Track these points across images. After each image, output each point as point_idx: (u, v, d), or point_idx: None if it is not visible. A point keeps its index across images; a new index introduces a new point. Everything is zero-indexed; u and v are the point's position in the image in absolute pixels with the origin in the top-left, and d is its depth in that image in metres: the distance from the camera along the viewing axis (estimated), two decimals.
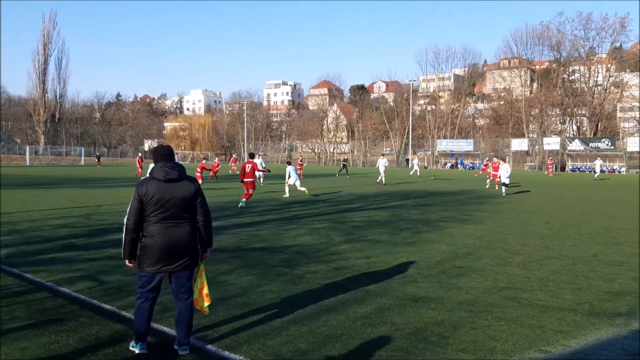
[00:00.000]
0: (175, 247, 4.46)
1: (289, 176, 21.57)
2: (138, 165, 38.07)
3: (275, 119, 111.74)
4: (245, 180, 17.39)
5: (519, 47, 76.41)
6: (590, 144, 60.69)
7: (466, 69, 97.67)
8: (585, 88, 70.34)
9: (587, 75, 69.77)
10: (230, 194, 22.14)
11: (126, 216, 4.50)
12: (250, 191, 17.43)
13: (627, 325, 5.49)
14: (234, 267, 8.04)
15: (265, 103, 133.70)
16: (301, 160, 41.11)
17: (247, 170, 17.52)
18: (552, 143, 63.41)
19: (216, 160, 35.52)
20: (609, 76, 69.88)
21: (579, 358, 4.61)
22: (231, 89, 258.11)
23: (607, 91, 70.25)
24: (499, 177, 25.36)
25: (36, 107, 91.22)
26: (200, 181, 24.22)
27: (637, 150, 58.34)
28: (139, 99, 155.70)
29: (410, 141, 71.26)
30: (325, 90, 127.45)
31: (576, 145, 61.88)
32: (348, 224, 13.15)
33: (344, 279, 7.34)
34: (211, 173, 31.08)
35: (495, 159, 29.21)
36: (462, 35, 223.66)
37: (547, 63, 78.33)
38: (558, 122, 73.51)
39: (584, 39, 70.93)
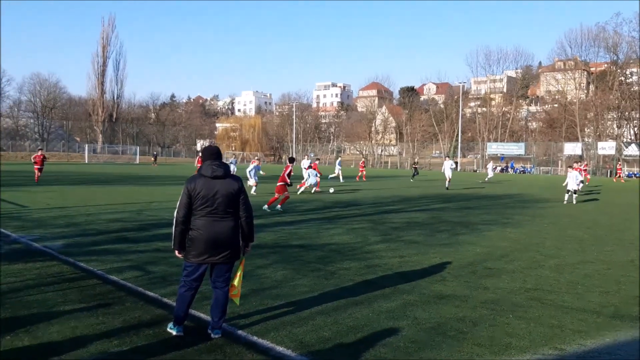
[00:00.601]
0: (219, 240, 4.84)
1: (308, 176, 23.42)
2: (197, 165, 39.34)
3: (324, 121, 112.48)
4: (278, 183, 16.72)
5: (574, 48, 74.44)
6: None
7: (519, 70, 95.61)
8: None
9: None
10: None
11: (176, 210, 4.94)
12: (277, 195, 16.50)
13: None
14: (270, 261, 8.44)
15: (314, 105, 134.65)
16: (363, 163, 41.23)
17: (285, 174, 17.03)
18: (607, 148, 61.33)
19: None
20: None
21: (592, 357, 4.75)
22: (281, 90, 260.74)
23: None
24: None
25: (95, 107, 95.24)
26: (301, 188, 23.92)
27: None
28: (192, 100, 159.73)
29: (459, 144, 70.40)
30: (374, 92, 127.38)
31: (632, 150, 59.65)
32: (387, 225, 13.39)
33: (375, 277, 7.61)
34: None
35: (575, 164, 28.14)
36: (514, 37, 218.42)
37: (605, 65, 75.87)
38: (614, 126, 71.00)
39: None
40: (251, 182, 22.29)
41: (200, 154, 8.52)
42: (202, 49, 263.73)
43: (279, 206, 16.40)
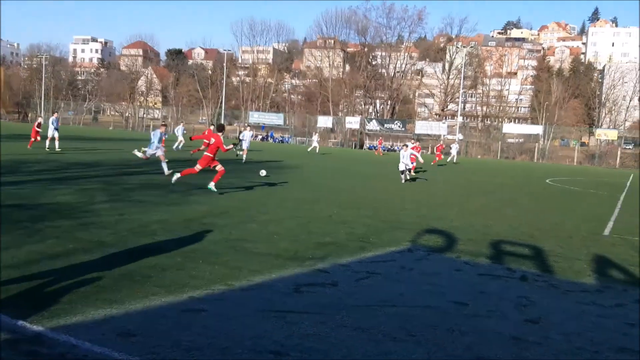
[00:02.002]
0: None
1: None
2: None
3: (80, 78, 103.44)
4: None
5: (329, 28, 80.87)
6: (385, 125, 66.95)
7: (285, 44, 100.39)
8: (385, 73, 77.14)
9: (388, 61, 76.48)
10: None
11: None
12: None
13: (312, 266, 6.73)
14: None
15: (70, 59, 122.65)
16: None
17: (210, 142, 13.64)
18: (353, 122, 68.58)
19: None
20: (410, 64, 77.57)
21: (254, 288, 5.63)
22: (32, 40, 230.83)
23: (405, 77, 77.93)
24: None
25: None
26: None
27: (425, 132, 66.01)
28: None
29: (223, 111, 71.52)
30: (139, 52, 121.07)
31: (373, 125, 67.77)
32: (120, 186, 13.29)
33: (84, 233, 7.65)
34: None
35: (418, 144, 29.88)
36: (278, 12, 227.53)
37: (362, 47, 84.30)
38: (362, 103, 79.70)
39: (387, 27, 77.55)
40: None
41: None
42: None
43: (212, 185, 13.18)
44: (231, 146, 14.40)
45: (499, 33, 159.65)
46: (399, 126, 66.12)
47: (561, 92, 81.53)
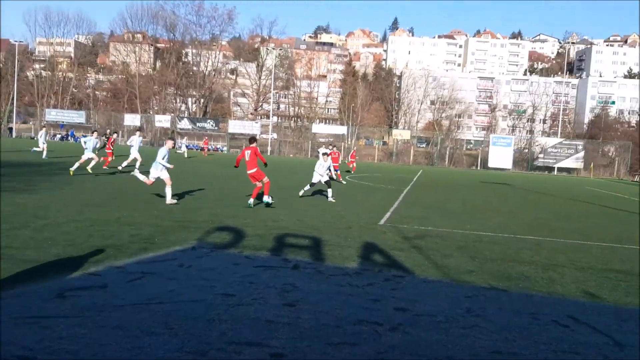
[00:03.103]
0: None
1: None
2: None
3: None
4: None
5: (134, 22, 77.50)
6: (198, 124, 66.19)
7: (89, 37, 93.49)
8: (197, 71, 76.24)
9: (199, 60, 75.67)
10: None
11: None
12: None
13: (85, 270, 6.53)
14: None
15: None
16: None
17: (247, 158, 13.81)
18: (163, 121, 66.60)
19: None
20: (223, 63, 77.48)
21: (16, 296, 5.32)
22: None
23: (218, 76, 77.76)
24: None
25: None
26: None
27: (238, 132, 66.58)
28: None
29: (15, 108, 64.41)
30: None
31: (185, 124, 66.57)
32: None
33: None
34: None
35: (335, 149, 27.77)
36: (77, 1, 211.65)
37: (171, 44, 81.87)
38: (173, 101, 77.74)
39: (197, 24, 76.73)
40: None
41: None
42: None
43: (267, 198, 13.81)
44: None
45: (309, 37, 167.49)
46: (212, 125, 65.85)
47: (365, 95, 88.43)
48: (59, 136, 68.53)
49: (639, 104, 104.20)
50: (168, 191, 13.29)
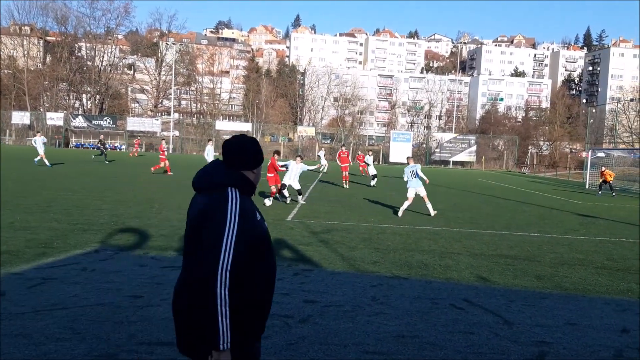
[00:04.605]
0: (174, 311, 2.48)
1: None
2: None
3: None
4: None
5: (22, 14, 72.48)
6: (94, 121, 62.98)
7: None
8: (92, 66, 72.56)
9: (93, 54, 72.06)
10: None
11: None
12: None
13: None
14: None
15: None
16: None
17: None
18: (55, 118, 62.72)
19: None
20: (120, 57, 74.18)
21: None
22: None
23: (115, 71, 74.39)
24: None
25: None
26: None
27: (138, 129, 64.15)
28: None
29: None
30: None
31: (80, 122, 63.11)
32: None
33: None
34: None
35: (343, 148, 27.43)
36: None
37: (63, 37, 77.17)
38: (66, 98, 73.45)
39: (90, 17, 73.02)
40: None
41: None
42: None
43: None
44: None
45: (211, 32, 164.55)
46: (109, 122, 62.94)
47: (269, 91, 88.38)
48: None
49: (525, 100, 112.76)
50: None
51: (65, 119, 62.88)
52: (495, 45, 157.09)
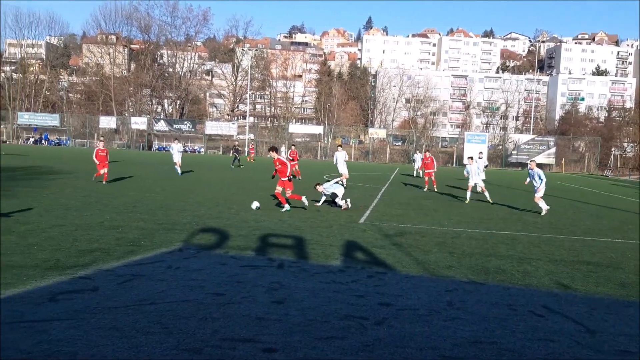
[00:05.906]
0: None
1: None
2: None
3: None
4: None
5: (108, 24, 76.72)
6: (175, 125, 65.79)
7: (61, 39, 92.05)
8: (173, 72, 75.78)
9: (174, 61, 75.21)
10: None
11: None
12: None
13: (74, 274, 6.64)
14: None
15: None
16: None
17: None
18: (139, 123, 66.04)
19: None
20: (199, 64, 77.09)
21: (6, 301, 5.42)
22: None
23: (194, 77, 77.34)
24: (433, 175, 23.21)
25: None
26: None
27: (215, 133, 66.41)
28: None
29: None
30: None
31: (162, 126, 66.10)
32: None
33: None
34: None
35: (427, 153, 25.20)
36: (49, 2, 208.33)
37: (146, 45, 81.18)
38: (149, 103, 77.13)
39: (172, 25, 76.27)
40: None
41: None
42: None
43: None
44: None
45: (284, 37, 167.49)
46: (189, 126, 65.53)
47: (341, 94, 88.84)
48: (32, 139, 67.47)
49: (607, 100, 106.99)
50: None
51: (148, 123, 66.04)
52: (576, 43, 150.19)
